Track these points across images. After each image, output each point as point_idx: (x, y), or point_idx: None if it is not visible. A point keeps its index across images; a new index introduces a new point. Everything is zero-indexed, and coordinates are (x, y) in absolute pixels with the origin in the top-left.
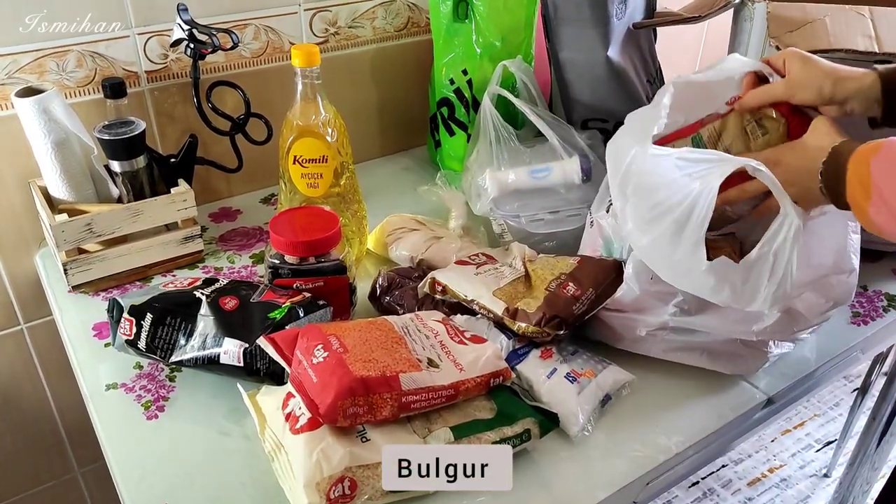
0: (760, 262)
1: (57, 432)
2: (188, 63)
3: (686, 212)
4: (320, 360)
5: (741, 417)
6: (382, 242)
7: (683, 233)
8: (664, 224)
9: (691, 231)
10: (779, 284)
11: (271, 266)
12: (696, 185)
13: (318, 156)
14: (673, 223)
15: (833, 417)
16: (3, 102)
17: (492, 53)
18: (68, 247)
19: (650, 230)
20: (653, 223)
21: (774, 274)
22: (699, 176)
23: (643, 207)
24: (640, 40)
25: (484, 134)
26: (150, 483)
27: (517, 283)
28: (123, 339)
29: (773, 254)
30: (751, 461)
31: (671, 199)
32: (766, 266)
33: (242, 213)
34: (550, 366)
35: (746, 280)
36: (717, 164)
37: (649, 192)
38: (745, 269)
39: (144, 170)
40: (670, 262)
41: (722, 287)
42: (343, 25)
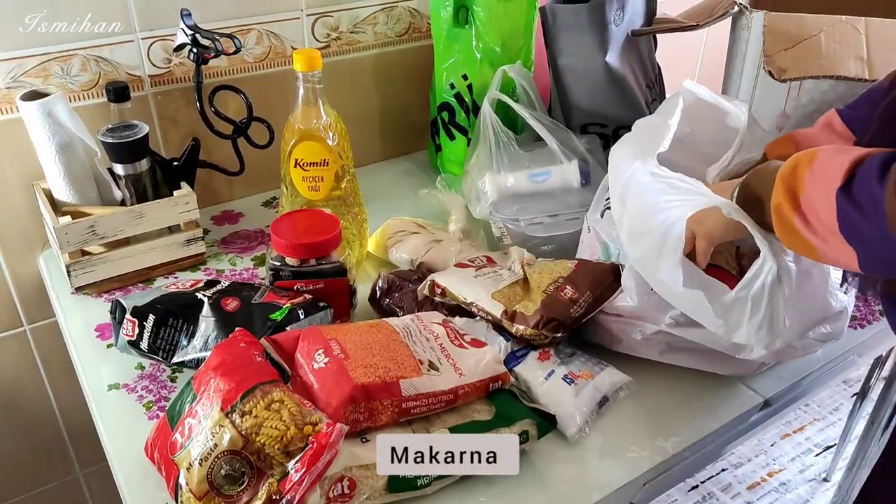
0: (739, 304)
1: (59, 434)
2: (191, 67)
3: (663, 236)
4: (321, 365)
5: (738, 419)
6: (382, 245)
7: (663, 254)
8: (649, 241)
9: (668, 255)
10: (763, 326)
11: (272, 268)
12: (673, 212)
13: (319, 159)
14: (655, 242)
15: (832, 422)
16: (8, 106)
17: (492, 59)
18: (72, 248)
19: (640, 244)
20: (641, 238)
21: (755, 315)
22: (677, 205)
23: (636, 220)
24: (639, 46)
25: (484, 138)
26: (151, 483)
27: (515, 286)
28: (126, 339)
29: (750, 298)
30: (750, 465)
31: (654, 219)
32: (745, 308)
33: (244, 216)
34: (548, 368)
35: (725, 316)
36: (694, 196)
37: (641, 207)
38: (723, 307)
39: (147, 173)
40: (655, 279)
41: (700, 314)
42: (345, 30)
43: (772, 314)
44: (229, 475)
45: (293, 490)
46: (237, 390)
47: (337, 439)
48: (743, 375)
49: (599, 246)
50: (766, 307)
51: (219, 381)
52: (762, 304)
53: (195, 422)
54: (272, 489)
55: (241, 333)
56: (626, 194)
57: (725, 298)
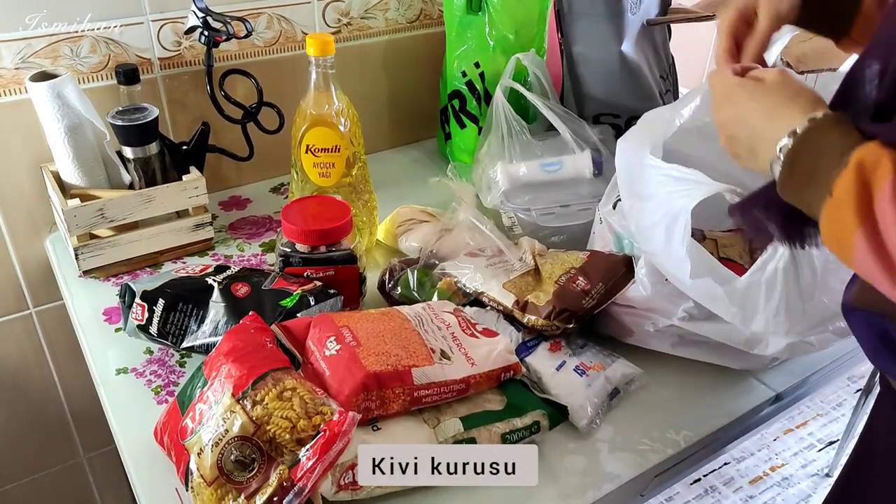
0: (753, 289)
1: (63, 417)
2: (201, 51)
3: (669, 228)
4: (333, 352)
5: (749, 413)
6: (392, 233)
7: (671, 246)
8: (658, 233)
9: (675, 247)
10: (780, 311)
11: (282, 254)
12: (676, 203)
13: (330, 145)
14: (662, 233)
15: (836, 417)
16: (18, 87)
17: (505, 46)
18: (80, 232)
19: (650, 236)
20: (651, 229)
21: (770, 300)
22: (679, 196)
23: (643, 213)
24: (654, 35)
25: (496, 127)
26: (160, 467)
27: (527, 277)
28: (135, 324)
29: (764, 283)
30: (753, 459)
31: (658, 211)
32: (759, 293)
33: (252, 202)
34: (559, 358)
35: (740, 302)
36: (696, 185)
37: (644, 199)
38: (736, 293)
39: (156, 156)
40: (667, 270)
41: (713, 303)
42: (356, 16)
43: (788, 299)
44: (240, 461)
45: (305, 477)
46: (248, 376)
47: (349, 428)
48: (755, 369)
49: (612, 237)
50: (782, 291)
51: (230, 367)
52: (776, 289)
53: (206, 407)
54: (283, 476)
55: (253, 319)
56: (632, 186)
57: (738, 284)
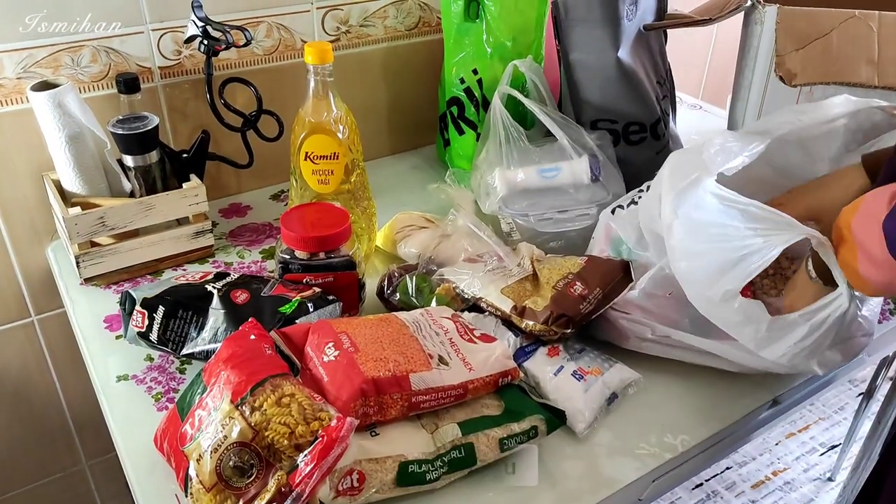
0: (792, 325)
1: (65, 424)
2: (201, 60)
3: (736, 261)
4: (331, 358)
5: (747, 417)
6: (391, 240)
7: (725, 276)
8: (710, 259)
9: (733, 279)
10: (804, 351)
11: (282, 261)
12: (758, 241)
13: (329, 152)
14: (720, 263)
15: (838, 421)
16: (19, 96)
17: (502, 53)
18: (81, 240)
19: (694, 258)
20: (700, 255)
21: (804, 340)
22: (763, 234)
23: (694, 234)
24: (650, 42)
25: (494, 133)
26: (160, 474)
27: (525, 282)
28: (135, 331)
29: (809, 324)
30: (755, 464)
31: (726, 242)
32: (795, 330)
33: (252, 209)
34: (557, 363)
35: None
36: (785, 228)
37: (702, 224)
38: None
39: (157, 165)
40: (700, 292)
41: (742, 331)
42: (354, 24)
43: (819, 343)
44: (238, 467)
45: (303, 483)
46: (247, 383)
47: (347, 433)
48: (753, 374)
49: (610, 242)
50: (819, 337)
51: (229, 373)
52: (816, 334)
53: (205, 413)
54: (281, 482)
55: (252, 325)
56: (682, 203)
57: (787, 317)
